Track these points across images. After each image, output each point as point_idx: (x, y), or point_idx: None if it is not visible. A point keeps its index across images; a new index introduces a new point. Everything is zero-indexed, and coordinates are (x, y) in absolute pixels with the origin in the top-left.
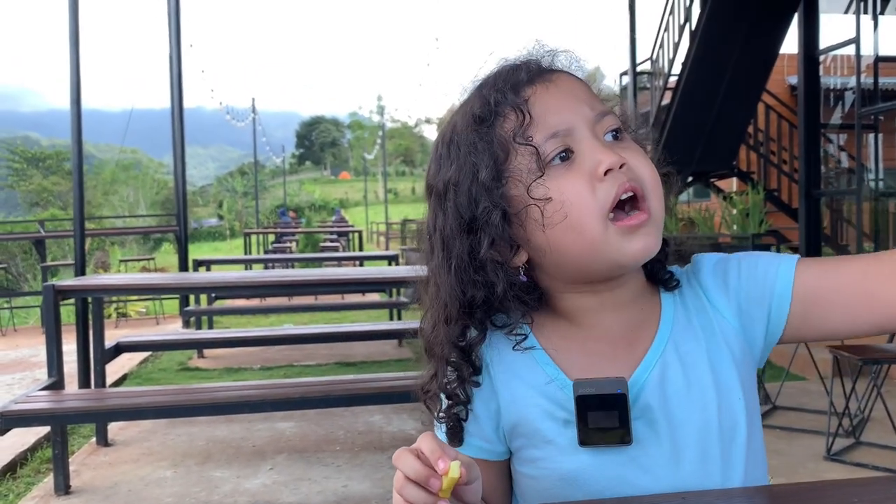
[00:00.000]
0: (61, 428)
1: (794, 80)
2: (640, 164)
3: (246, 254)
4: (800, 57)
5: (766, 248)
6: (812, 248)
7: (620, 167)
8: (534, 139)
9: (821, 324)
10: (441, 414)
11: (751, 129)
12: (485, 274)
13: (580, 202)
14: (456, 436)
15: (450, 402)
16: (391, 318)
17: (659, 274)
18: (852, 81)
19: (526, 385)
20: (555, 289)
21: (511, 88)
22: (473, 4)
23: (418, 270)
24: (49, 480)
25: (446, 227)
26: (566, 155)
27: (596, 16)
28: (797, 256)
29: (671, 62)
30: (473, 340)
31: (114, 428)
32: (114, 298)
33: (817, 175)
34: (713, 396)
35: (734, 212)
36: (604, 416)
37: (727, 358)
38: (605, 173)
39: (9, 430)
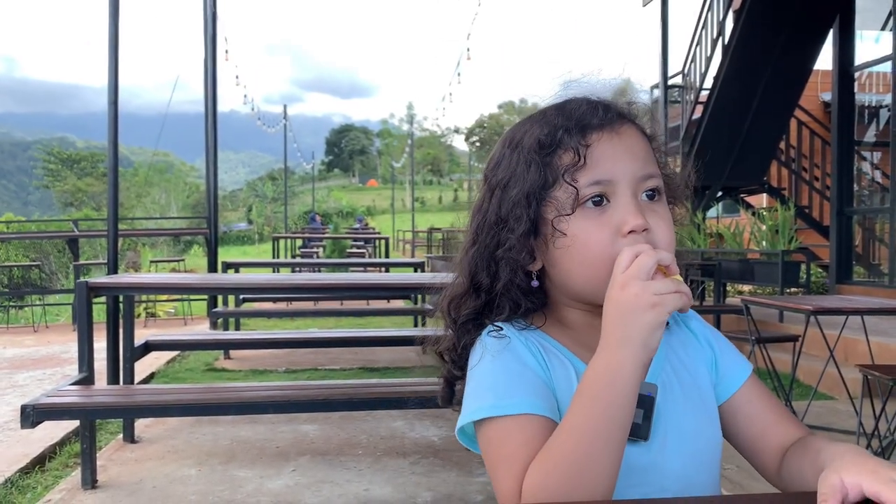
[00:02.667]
0: (90, 423)
1: (827, 96)
2: (662, 230)
3: (274, 258)
4: (834, 73)
5: (797, 265)
6: (843, 266)
7: (643, 231)
8: (579, 181)
9: (726, 427)
10: (445, 374)
11: (782, 145)
12: (497, 267)
13: (599, 249)
14: (447, 397)
15: (451, 367)
16: (416, 325)
17: None
18: (888, 99)
19: (564, 374)
20: (560, 300)
21: (580, 129)
22: (507, 17)
23: (445, 277)
24: (76, 474)
25: (486, 216)
26: (600, 201)
27: (628, 29)
28: (751, 367)
29: (703, 76)
30: (469, 322)
31: (140, 425)
32: (143, 298)
33: (850, 192)
34: (704, 411)
35: (763, 228)
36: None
37: (709, 382)
38: (628, 233)
39: (40, 422)
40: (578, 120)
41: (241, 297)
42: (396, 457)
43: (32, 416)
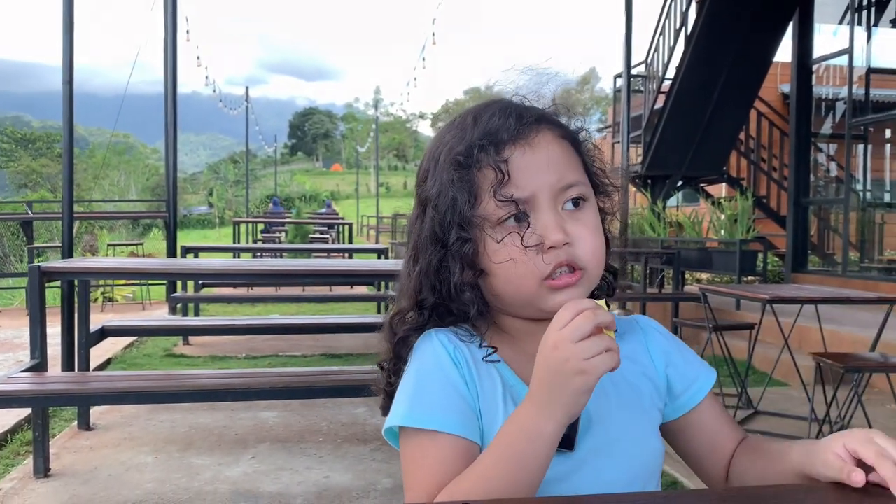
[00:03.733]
0: (42, 410)
1: (787, 88)
2: (585, 240)
3: (235, 242)
4: (793, 65)
5: (754, 254)
6: (799, 255)
7: (564, 245)
8: (497, 197)
9: (681, 442)
10: (383, 387)
11: (742, 136)
12: (437, 281)
13: (519, 265)
14: (387, 407)
15: (388, 379)
16: (379, 311)
17: None
18: (844, 92)
19: (491, 389)
20: (498, 308)
21: (493, 144)
22: (472, 5)
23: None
24: (28, 463)
25: (422, 233)
26: (520, 217)
27: (593, 18)
28: (714, 376)
29: (665, 66)
30: (411, 337)
31: (95, 412)
32: (101, 282)
33: (806, 183)
34: (642, 424)
35: (722, 217)
36: None
37: (652, 395)
38: (549, 248)
39: None
40: (491, 134)
41: (201, 282)
42: (357, 443)
43: None
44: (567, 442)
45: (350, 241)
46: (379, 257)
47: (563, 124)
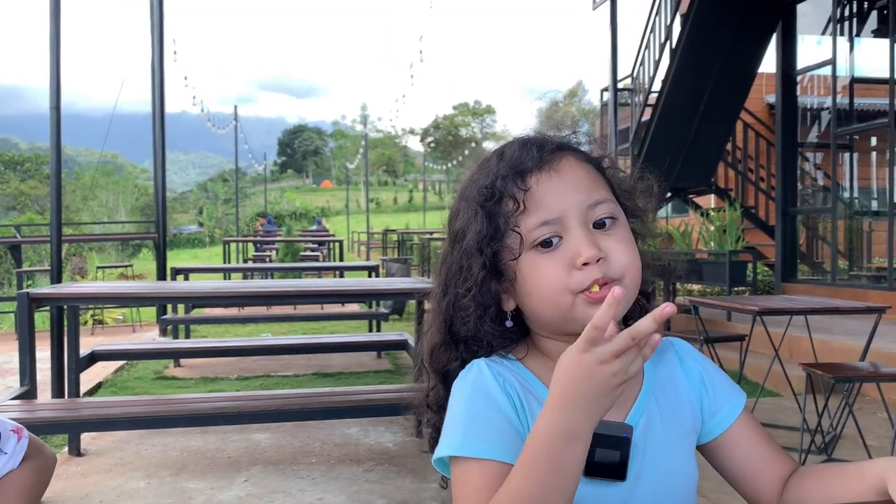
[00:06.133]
0: None
1: (772, 98)
2: (620, 255)
3: (225, 262)
4: (778, 76)
5: (744, 265)
6: (788, 264)
7: (598, 260)
8: (521, 227)
9: (718, 462)
10: (433, 422)
11: (729, 147)
12: (467, 314)
13: (555, 284)
14: (434, 446)
15: (435, 414)
16: (370, 330)
17: None
18: (829, 101)
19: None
20: (539, 333)
21: (516, 174)
22: (459, 20)
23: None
24: None
25: (451, 266)
26: (552, 241)
27: (579, 32)
28: (745, 398)
29: (651, 79)
30: (452, 370)
31: (86, 438)
32: (90, 305)
33: (794, 193)
34: (682, 448)
35: (712, 228)
36: (608, 453)
37: (691, 418)
38: (583, 265)
39: None
40: (515, 165)
41: (192, 304)
42: (351, 464)
43: None
44: (619, 472)
45: (341, 258)
46: (370, 275)
47: (584, 151)
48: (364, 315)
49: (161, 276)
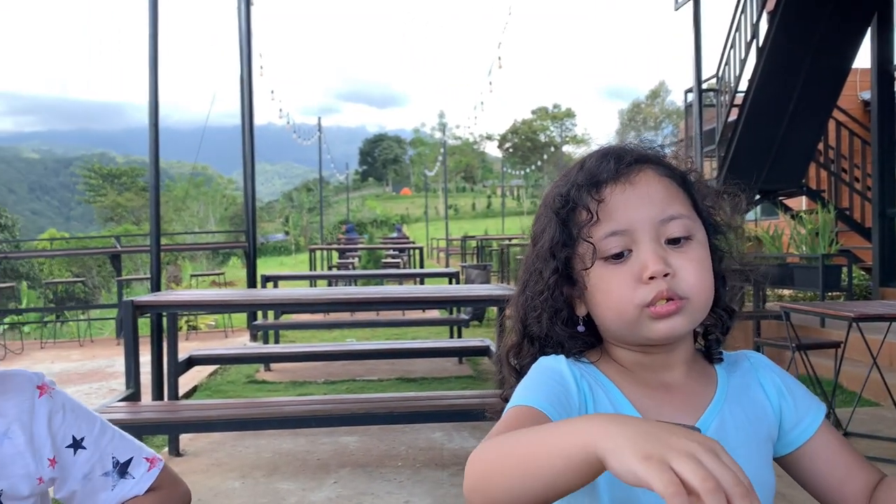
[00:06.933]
0: (137, 438)
1: (867, 95)
2: (689, 274)
3: (311, 269)
4: (873, 72)
5: (838, 269)
6: (886, 268)
7: (665, 276)
8: (594, 237)
9: (799, 474)
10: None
11: (821, 146)
12: (540, 314)
13: (621, 295)
14: None
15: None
16: (451, 336)
17: (712, 349)
18: None
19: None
20: (609, 340)
21: (591, 185)
22: (538, 23)
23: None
24: None
25: (529, 268)
26: (622, 254)
27: (661, 32)
28: (824, 410)
29: (738, 79)
30: (524, 364)
31: (184, 438)
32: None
33: (892, 193)
34: (758, 456)
35: (803, 231)
36: None
37: (767, 428)
38: (650, 279)
39: None
40: (592, 176)
41: (281, 310)
42: (436, 468)
43: None
44: None
45: (421, 265)
46: (450, 281)
47: (667, 164)
48: (444, 321)
49: (251, 283)
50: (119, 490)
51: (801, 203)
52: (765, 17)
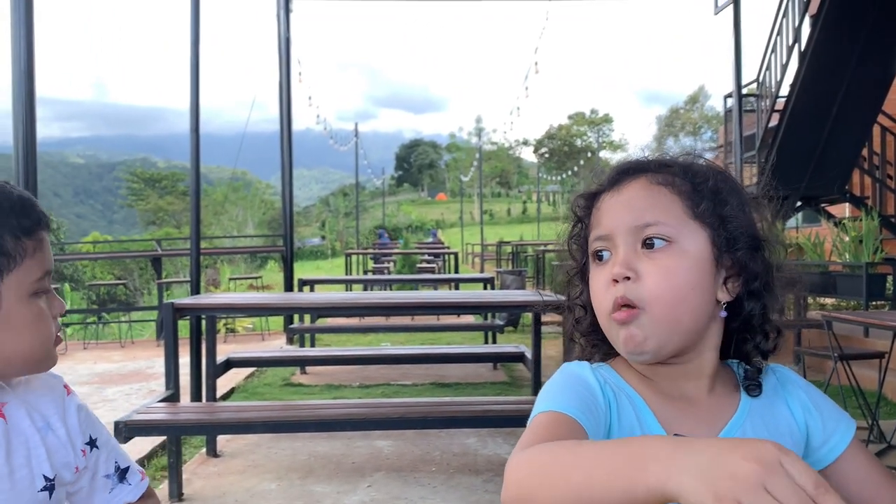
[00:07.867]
0: (176, 438)
1: None
2: (649, 279)
3: (347, 273)
4: None
5: (883, 277)
6: None
7: (624, 279)
8: (589, 240)
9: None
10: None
11: (865, 152)
12: (573, 313)
13: (598, 297)
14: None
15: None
16: (486, 341)
17: (749, 378)
18: None
19: (628, 422)
20: None
21: (589, 197)
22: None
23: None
24: (164, 487)
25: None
26: (602, 255)
27: (700, 37)
28: (854, 427)
29: (779, 83)
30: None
31: (222, 440)
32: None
33: None
34: None
35: (846, 239)
36: None
37: (789, 447)
38: (614, 282)
39: (131, 438)
40: (594, 186)
41: (317, 314)
42: (469, 474)
43: (125, 431)
44: None
45: (456, 270)
46: (485, 287)
47: (670, 172)
48: (479, 327)
49: (288, 287)
50: (116, 494)
51: (844, 210)
52: (807, 20)
